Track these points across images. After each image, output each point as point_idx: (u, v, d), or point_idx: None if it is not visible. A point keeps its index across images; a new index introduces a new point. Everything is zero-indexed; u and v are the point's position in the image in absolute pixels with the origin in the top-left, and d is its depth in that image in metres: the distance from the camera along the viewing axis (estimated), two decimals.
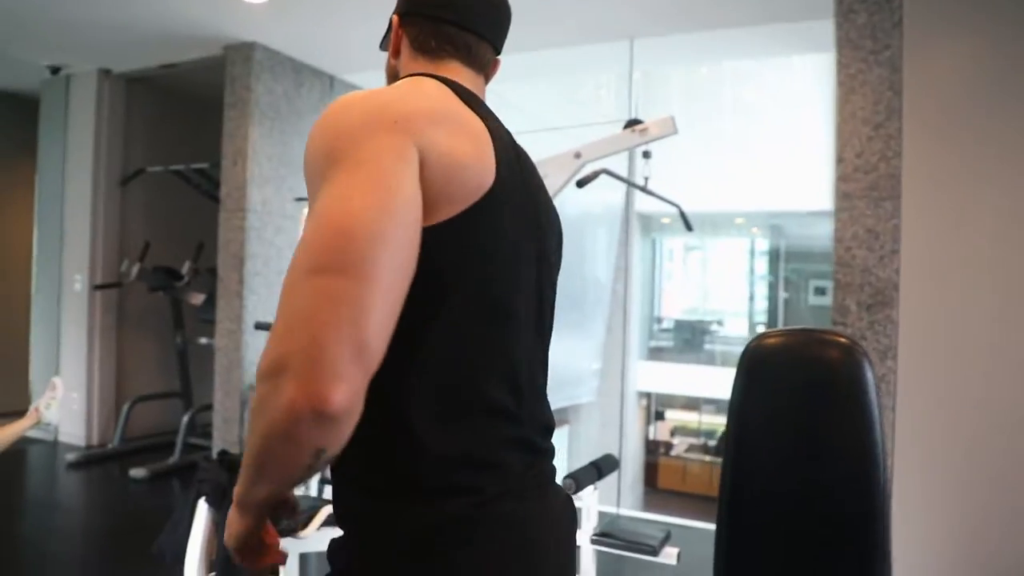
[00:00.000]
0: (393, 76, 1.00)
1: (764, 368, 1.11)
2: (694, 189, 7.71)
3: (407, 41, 0.97)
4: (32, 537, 3.65)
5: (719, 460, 1.28)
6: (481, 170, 0.81)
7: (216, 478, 1.80)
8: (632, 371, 10.59)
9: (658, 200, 3.00)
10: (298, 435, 0.66)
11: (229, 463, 1.82)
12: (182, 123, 5.60)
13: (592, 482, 2.81)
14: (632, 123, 2.79)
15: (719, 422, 13.67)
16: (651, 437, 12.60)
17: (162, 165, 4.99)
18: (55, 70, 5.03)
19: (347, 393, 0.65)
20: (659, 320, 12.78)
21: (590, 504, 2.82)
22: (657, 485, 12.44)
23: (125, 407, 4.89)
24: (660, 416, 13.29)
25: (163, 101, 5.48)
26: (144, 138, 5.34)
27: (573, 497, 1.47)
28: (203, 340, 4.95)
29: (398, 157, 0.73)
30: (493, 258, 0.82)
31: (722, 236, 13.95)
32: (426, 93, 0.84)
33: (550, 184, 2.94)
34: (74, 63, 4.99)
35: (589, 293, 7.36)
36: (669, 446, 13.22)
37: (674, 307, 13.82)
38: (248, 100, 4.33)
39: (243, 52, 4.35)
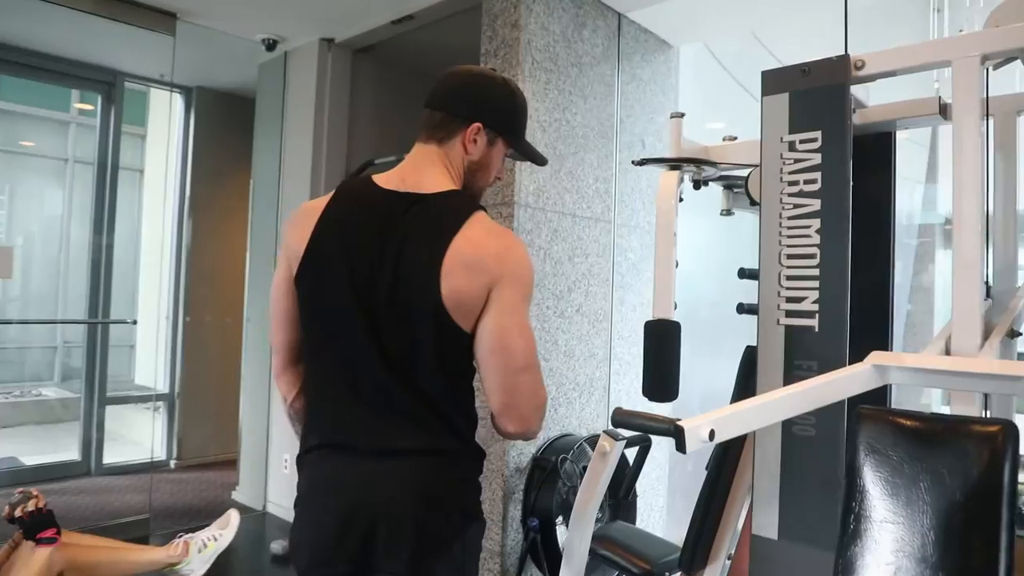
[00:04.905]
0: None
1: None
2: None
3: None
4: None
5: None
6: (300, 244, 1.29)
7: None
8: None
9: None
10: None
11: None
12: (415, 101, 4.38)
13: None
14: None
15: None
16: None
17: (395, 154, 3.77)
18: (271, 45, 4.04)
19: (274, 367, 1.43)
20: None
21: None
22: None
23: None
24: None
25: (393, 76, 4.32)
26: (371, 124, 4.20)
27: None
28: None
29: (281, 253, 1.38)
30: (308, 303, 1.31)
31: None
32: (306, 204, 1.36)
33: None
34: (292, 33, 3.97)
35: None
36: None
37: None
38: (516, 44, 2.95)
39: None
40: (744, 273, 2.18)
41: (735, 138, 2.12)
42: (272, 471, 4.09)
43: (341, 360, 1.27)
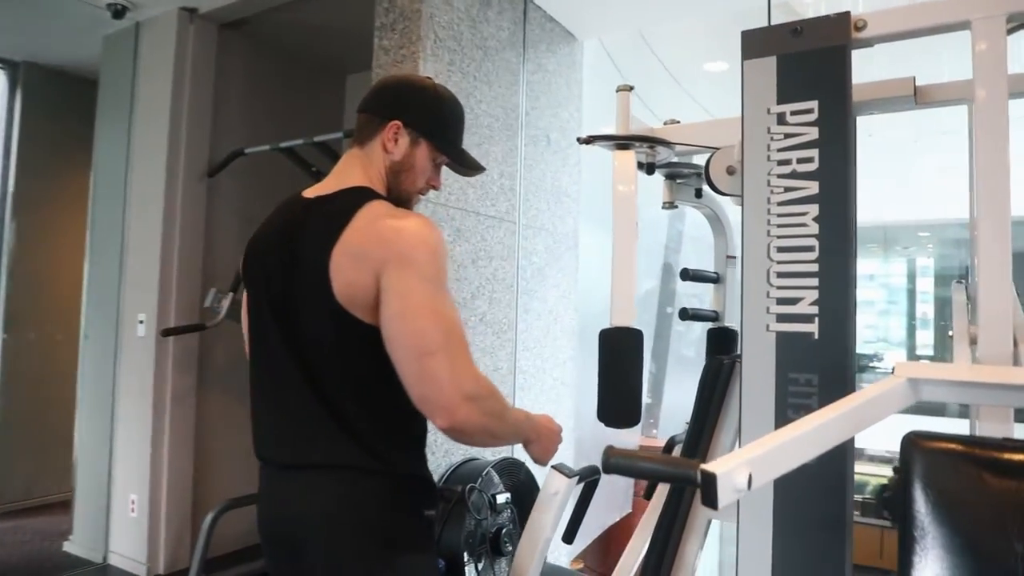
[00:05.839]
0: None
1: None
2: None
3: None
4: None
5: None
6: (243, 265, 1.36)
7: None
8: None
9: None
10: None
11: None
12: (293, 86, 3.93)
13: None
14: None
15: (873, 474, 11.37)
16: None
17: (269, 143, 3.29)
18: (119, 12, 3.43)
19: None
20: None
21: None
22: None
23: (208, 516, 3.11)
24: None
25: (269, 56, 3.83)
26: (241, 109, 3.68)
27: None
28: None
29: None
30: (248, 318, 1.32)
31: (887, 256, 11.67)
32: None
33: None
34: (145, 0, 3.40)
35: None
36: None
37: None
38: (418, 16, 2.59)
39: None
40: (688, 274, 1.93)
41: (678, 122, 1.89)
42: (115, 515, 3.44)
43: (267, 372, 1.27)
